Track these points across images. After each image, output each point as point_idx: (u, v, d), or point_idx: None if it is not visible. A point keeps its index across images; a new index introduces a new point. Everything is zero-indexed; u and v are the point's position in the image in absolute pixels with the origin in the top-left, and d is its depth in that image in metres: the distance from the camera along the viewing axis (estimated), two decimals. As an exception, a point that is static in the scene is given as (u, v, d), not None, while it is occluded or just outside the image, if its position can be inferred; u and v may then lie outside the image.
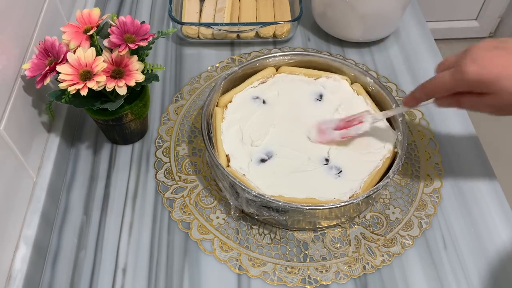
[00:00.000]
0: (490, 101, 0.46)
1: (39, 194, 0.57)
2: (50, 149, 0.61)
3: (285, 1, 0.85)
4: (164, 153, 0.66)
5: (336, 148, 0.60)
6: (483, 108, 0.48)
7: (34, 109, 0.59)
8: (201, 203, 0.61)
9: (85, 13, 0.57)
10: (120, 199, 0.62)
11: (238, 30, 0.79)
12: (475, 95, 0.47)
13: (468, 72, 0.44)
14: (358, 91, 0.67)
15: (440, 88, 0.48)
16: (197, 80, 0.75)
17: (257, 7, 0.85)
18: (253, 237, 0.58)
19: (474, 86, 0.45)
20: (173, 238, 0.58)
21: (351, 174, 0.58)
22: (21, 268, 0.51)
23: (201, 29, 0.79)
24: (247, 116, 0.63)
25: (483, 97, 0.46)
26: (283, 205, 0.53)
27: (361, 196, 0.54)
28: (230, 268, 0.56)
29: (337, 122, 0.61)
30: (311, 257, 0.57)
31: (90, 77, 0.53)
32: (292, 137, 0.61)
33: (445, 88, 0.48)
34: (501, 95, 0.44)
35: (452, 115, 0.71)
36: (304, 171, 0.58)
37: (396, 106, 0.62)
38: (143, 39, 0.56)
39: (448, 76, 0.47)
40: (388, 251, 0.57)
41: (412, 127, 0.70)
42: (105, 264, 0.56)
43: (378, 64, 0.78)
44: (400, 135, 0.60)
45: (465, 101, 0.48)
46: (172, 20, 0.77)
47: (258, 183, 0.56)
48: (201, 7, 0.84)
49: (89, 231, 0.59)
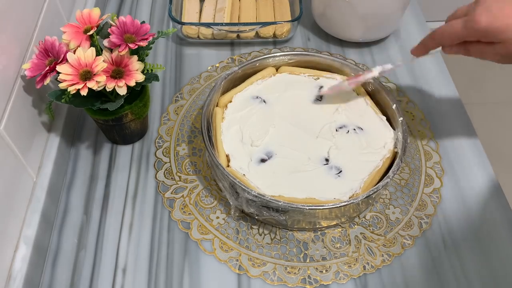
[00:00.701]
0: (499, 49, 0.47)
1: (39, 194, 0.57)
2: (50, 149, 0.61)
3: (285, 1, 0.85)
4: (164, 153, 0.66)
5: (336, 148, 0.60)
6: (490, 56, 0.49)
7: (34, 109, 0.59)
8: (201, 203, 0.61)
9: (85, 13, 0.57)
10: (120, 199, 0.62)
11: (238, 30, 0.79)
12: (483, 44, 0.48)
13: (481, 21, 0.45)
14: (358, 91, 0.67)
15: (450, 36, 0.49)
16: (197, 80, 0.75)
17: (257, 7, 0.85)
18: (253, 237, 0.58)
19: (485, 35, 0.46)
20: (173, 238, 0.58)
21: (351, 174, 0.58)
22: (21, 268, 0.51)
23: (201, 29, 0.79)
24: (247, 116, 0.63)
25: (491, 46, 0.47)
26: (283, 205, 0.53)
27: (361, 196, 0.54)
28: (230, 268, 0.56)
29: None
30: (311, 257, 0.57)
31: (90, 77, 0.53)
32: (292, 137, 0.61)
33: (456, 37, 0.49)
34: (510, 43, 0.46)
35: (453, 115, 0.71)
36: (304, 171, 0.58)
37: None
38: (143, 39, 0.56)
39: (459, 24, 0.48)
40: (388, 251, 0.57)
41: (412, 127, 0.70)
42: (105, 264, 0.56)
43: (378, 64, 0.78)
44: (400, 135, 0.60)
45: (473, 49, 0.50)
46: (172, 20, 0.77)
47: (258, 183, 0.56)
48: (201, 7, 0.84)
49: (89, 231, 0.59)
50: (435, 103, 0.73)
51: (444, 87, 0.75)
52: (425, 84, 0.75)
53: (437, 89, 0.75)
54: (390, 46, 0.81)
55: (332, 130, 0.62)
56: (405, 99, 0.73)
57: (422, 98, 0.73)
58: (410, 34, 0.83)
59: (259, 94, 0.66)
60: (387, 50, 0.80)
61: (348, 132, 0.62)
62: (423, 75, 0.77)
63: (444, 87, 0.75)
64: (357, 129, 0.62)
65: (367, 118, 0.64)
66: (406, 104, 0.72)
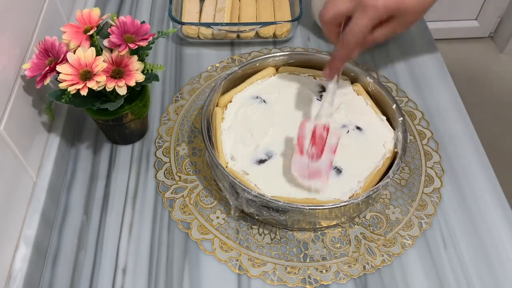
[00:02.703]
0: (397, 23, 0.53)
1: (39, 194, 0.57)
2: (50, 148, 0.61)
3: (285, 1, 0.85)
4: (164, 153, 0.66)
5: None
6: (391, 32, 0.54)
7: (34, 109, 0.59)
8: (201, 203, 0.61)
9: (85, 13, 0.57)
10: (120, 199, 0.62)
11: (238, 30, 0.78)
12: (382, 25, 0.53)
13: (378, 5, 0.50)
14: (358, 91, 0.67)
15: (361, 31, 0.52)
16: (197, 80, 0.75)
17: (257, 7, 0.85)
18: (253, 237, 0.58)
19: (384, 15, 0.51)
20: (173, 238, 0.58)
21: (351, 174, 0.58)
22: (21, 268, 0.51)
23: (201, 29, 0.79)
24: (247, 116, 0.63)
25: (390, 23, 0.53)
26: (283, 205, 0.53)
27: (361, 196, 0.54)
28: (230, 268, 0.56)
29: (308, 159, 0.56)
30: (311, 257, 0.57)
31: (90, 77, 0.53)
32: (291, 137, 0.61)
33: (365, 31, 0.52)
34: (406, 14, 0.51)
35: (453, 115, 0.71)
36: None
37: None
38: (143, 39, 0.56)
39: (361, 19, 0.51)
40: (388, 251, 0.57)
41: (412, 127, 0.70)
42: (105, 264, 0.56)
43: (378, 64, 0.78)
44: (400, 135, 0.60)
45: (377, 34, 0.54)
46: (172, 20, 0.77)
47: (258, 183, 0.56)
48: (201, 7, 0.84)
49: (89, 231, 0.59)
50: (435, 102, 0.73)
51: (444, 86, 0.75)
52: (425, 84, 0.75)
53: (437, 89, 0.75)
54: (390, 46, 0.81)
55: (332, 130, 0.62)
56: (405, 99, 0.73)
57: (422, 98, 0.73)
58: (410, 34, 0.83)
59: (259, 94, 0.66)
60: (387, 50, 0.80)
61: (348, 132, 0.62)
62: (423, 74, 0.77)
63: (444, 87, 0.75)
64: (357, 129, 0.62)
65: (367, 118, 0.64)
66: (406, 104, 0.73)
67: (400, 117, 0.61)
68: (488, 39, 1.97)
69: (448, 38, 1.92)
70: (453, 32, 1.91)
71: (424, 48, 0.81)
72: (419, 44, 0.81)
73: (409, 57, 0.79)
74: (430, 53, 0.80)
